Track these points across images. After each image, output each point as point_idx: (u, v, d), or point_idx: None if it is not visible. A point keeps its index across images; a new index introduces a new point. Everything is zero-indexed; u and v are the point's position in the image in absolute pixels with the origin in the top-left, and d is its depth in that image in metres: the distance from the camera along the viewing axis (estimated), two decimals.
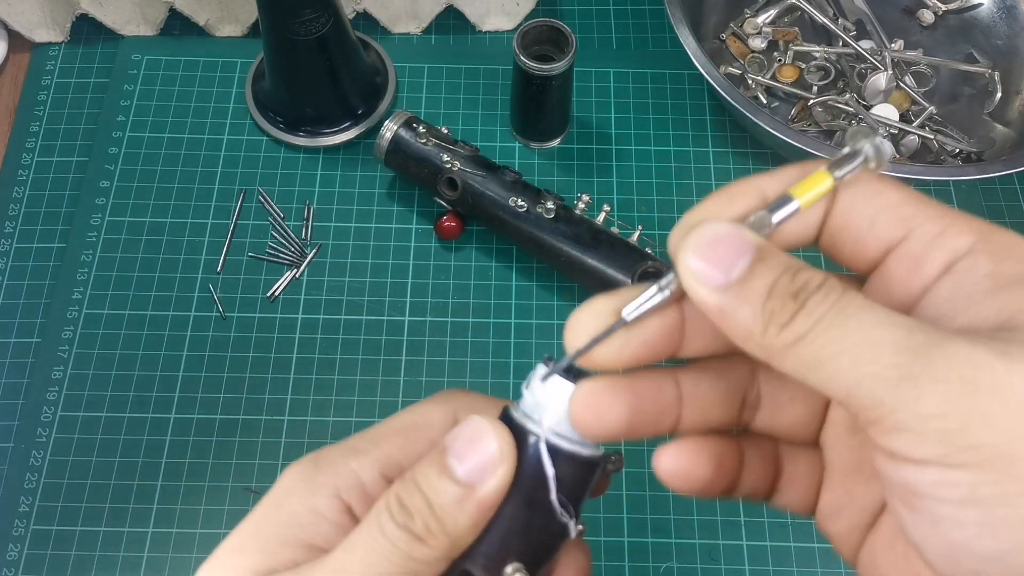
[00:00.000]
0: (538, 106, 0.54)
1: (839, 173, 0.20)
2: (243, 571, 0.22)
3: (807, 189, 0.20)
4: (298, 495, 0.23)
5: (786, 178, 0.21)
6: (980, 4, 0.59)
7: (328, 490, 0.23)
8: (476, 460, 0.21)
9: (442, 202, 0.53)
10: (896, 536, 0.21)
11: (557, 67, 0.51)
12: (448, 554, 0.21)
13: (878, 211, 0.20)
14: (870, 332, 0.17)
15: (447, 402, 0.25)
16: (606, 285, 0.49)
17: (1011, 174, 0.48)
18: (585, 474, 0.22)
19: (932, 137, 0.56)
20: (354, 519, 0.23)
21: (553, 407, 0.21)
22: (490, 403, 0.25)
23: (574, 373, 0.22)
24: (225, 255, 0.54)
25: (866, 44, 0.60)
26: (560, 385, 0.22)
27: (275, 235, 0.55)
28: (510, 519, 0.21)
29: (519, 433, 0.22)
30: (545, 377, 0.22)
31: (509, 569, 0.21)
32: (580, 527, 0.22)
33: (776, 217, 0.20)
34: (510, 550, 0.21)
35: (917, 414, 0.17)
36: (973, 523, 0.17)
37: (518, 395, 0.23)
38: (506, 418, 0.22)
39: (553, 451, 0.21)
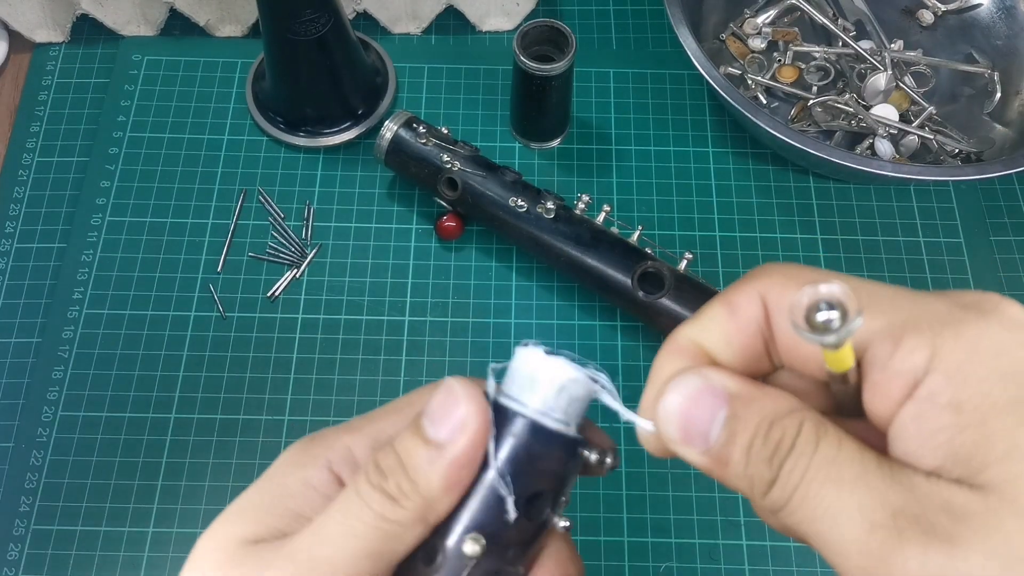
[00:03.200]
0: (538, 106, 0.55)
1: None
2: (232, 539, 0.23)
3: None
4: (291, 468, 0.24)
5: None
6: (980, 4, 0.59)
7: (320, 462, 0.23)
8: (448, 421, 0.21)
9: (442, 202, 0.53)
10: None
11: (557, 67, 0.51)
12: (422, 516, 0.21)
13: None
14: (846, 500, 0.17)
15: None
16: (606, 285, 0.49)
17: (1010, 174, 0.48)
18: (549, 447, 0.22)
19: (932, 137, 0.56)
20: (343, 486, 0.23)
21: (527, 380, 0.22)
22: (481, 382, 0.25)
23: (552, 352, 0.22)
24: (225, 255, 0.54)
25: (866, 44, 0.60)
26: (533, 356, 0.22)
27: (275, 235, 0.55)
28: (481, 495, 0.21)
29: (501, 412, 0.22)
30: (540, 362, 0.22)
31: (467, 537, 0.21)
32: (566, 523, 0.22)
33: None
34: (474, 523, 0.21)
35: None
36: None
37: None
38: (500, 406, 0.22)
39: (535, 430, 0.21)
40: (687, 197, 0.57)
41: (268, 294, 0.53)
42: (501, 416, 0.22)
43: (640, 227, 0.51)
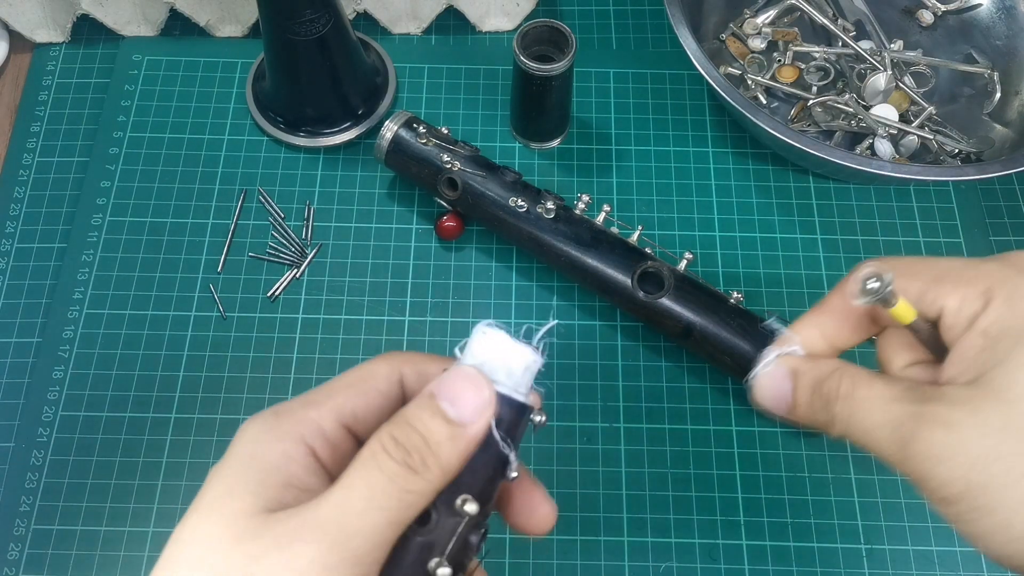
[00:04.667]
0: (538, 106, 0.55)
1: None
2: (239, 514, 0.23)
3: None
4: (268, 442, 0.25)
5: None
6: (979, 4, 0.59)
7: (293, 436, 0.25)
8: (469, 404, 0.25)
9: (442, 202, 0.53)
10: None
11: (557, 67, 0.51)
12: (438, 486, 0.24)
13: (912, 304, 0.28)
14: (877, 419, 0.26)
15: (390, 360, 0.28)
16: (606, 285, 0.49)
17: (1010, 174, 0.48)
18: (520, 416, 0.26)
19: (931, 137, 0.56)
20: (319, 462, 0.25)
21: (497, 361, 0.25)
22: (431, 360, 0.28)
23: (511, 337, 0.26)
24: (226, 255, 0.54)
25: (865, 44, 0.60)
26: (502, 341, 0.26)
27: (275, 235, 0.55)
28: (476, 460, 0.25)
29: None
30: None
31: (459, 501, 0.24)
32: (518, 463, 0.26)
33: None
34: (461, 485, 0.25)
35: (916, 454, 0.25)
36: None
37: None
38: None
39: (512, 404, 0.25)
40: (687, 197, 0.57)
41: (268, 294, 0.53)
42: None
43: (640, 227, 0.51)
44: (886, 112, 0.57)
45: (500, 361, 0.26)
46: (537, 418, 0.27)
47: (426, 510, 0.24)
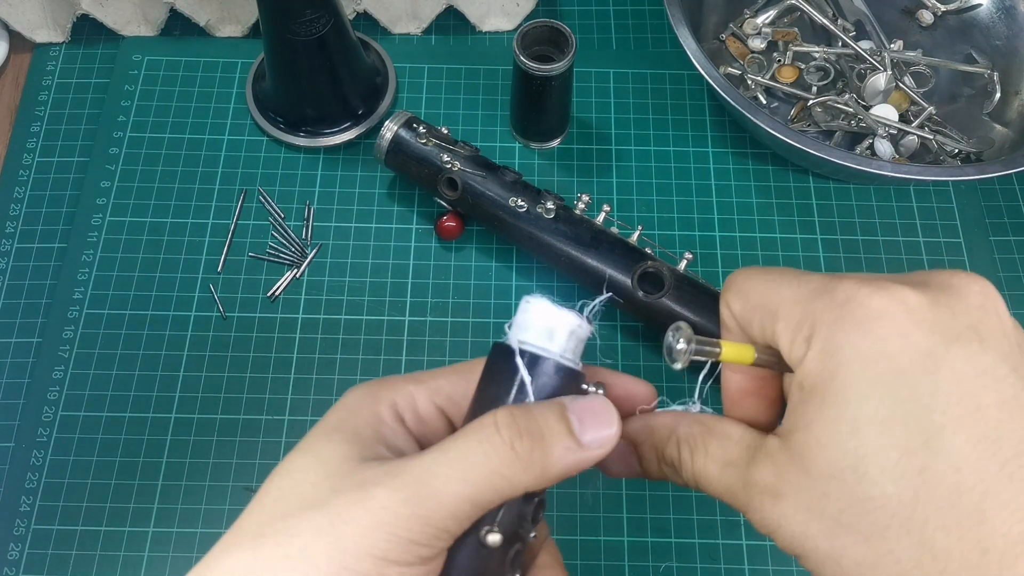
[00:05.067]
0: (538, 106, 0.55)
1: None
2: (333, 455, 0.25)
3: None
4: (364, 403, 0.27)
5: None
6: (979, 4, 0.60)
7: (388, 402, 0.27)
8: (597, 434, 0.25)
9: (442, 202, 0.53)
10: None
11: (557, 67, 0.51)
12: (531, 485, 0.24)
13: (758, 333, 0.26)
14: (712, 473, 0.26)
15: None
16: (606, 285, 0.49)
17: (1010, 174, 0.48)
18: (571, 382, 0.26)
19: (931, 137, 0.56)
20: (408, 431, 0.27)
21: (543, 328, 0.26)
22: None
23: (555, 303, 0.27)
24: (226, 255, 0.54)
25: (865, 44, 0.60)
26: (548, 309, 0.26)
27: (275, 235, 0.55)
28: None
29: (506, 353, 0.26)
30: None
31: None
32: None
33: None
34: None
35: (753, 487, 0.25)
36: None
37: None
38: (502, 346, 0.27)
39: (535, 360, 0.26)
40: (687, 197, 0.57)
41: (268, 294, 0.53)
42: (533, 360, 0.26)
43: (640, 227, 0.51)
44: (886, 112, 0.57)
45: (546, 328, 0.26)
46: (591, 388, 0.27)
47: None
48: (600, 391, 0.27)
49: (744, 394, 0.27)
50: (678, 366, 0.25)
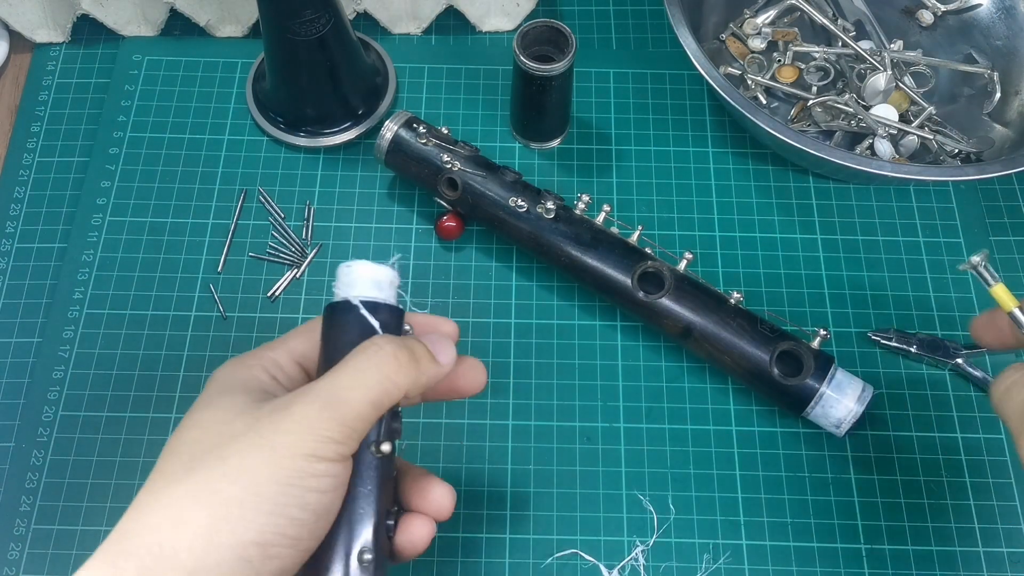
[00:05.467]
0: (538, 106, 0.55)
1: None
2: (236, 401, 0.30)
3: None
4: (240, 369, 0.32)
5: None
6: (979, 5, 0.60)
7: (257, 368, 0.32)
8: (445, 356, 0.33)
9: (442, 202, 0.53)
10: None
11: (557, 67, 0.51)
12: (407, 389, 0.30)
13: None
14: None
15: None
16: (606, 285, 0.49)
17: (1010, 174, 0.48)
18: (397, 317, 0.33)
19: (931, 137, 0.56)
20: (282, 386, 0.32)
21: (361, 281, 0.33)
22: None
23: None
24: (226, 255, 0.54)
25: (865, 44, 0.60)
26: (365, 267, 0.33)
27: (276, 235, 0.55)
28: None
29: (347, 307, 0.32)
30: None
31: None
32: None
33: None
34: None
35: None
36: None
37: (518, 398, 0.30)
38: (339, 303, 0.32)
39: (374, 306, 0.32)
40: (687, 197, 0.57)
41: (268, 294, 0.53)
42: (373, 307, 0.32)
43: (640, 227, 0.51)
44: (886, 112, 0.57)
45: (374, 280, 0.33)
46: (407, 328, 0.34)
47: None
48: (411, 329, 0.34)
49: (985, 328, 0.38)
50: (961, 267, 0.37)
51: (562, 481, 0.48)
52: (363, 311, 0.32)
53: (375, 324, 0.32)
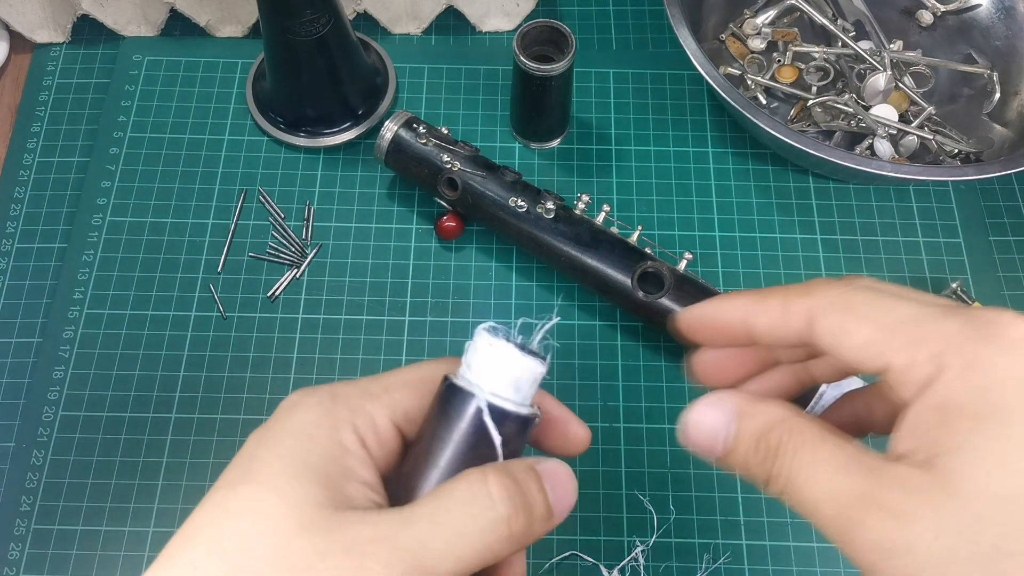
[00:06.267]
0: (538, 106, 0.55)
1: None
2: (307, 501, 0.23)
3: None
4: (325, 428, 0.24)
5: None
6: (979, 5, 0.60)
7: (349, 426, 0.25)
8: (564, 503, 0.25)
9: (442, 202, 0.53)
10: None
11: (557, 67, 0.51)
12: (515, 550, 0.24)
13: (855, 351, 0.23)
14: (820, 491, 0.23)
15: (449, 365, 0.27)
16: (606, 285, 0.49)
17: (1010, 174, 0.48)
18: (525, 429, 0.26)
19: (931, 137, 0.56)
20: (370, 454, 0.25)
21: (498, 373, 0.25)
22: None
23: (520, 347, 0.25)
24: (226, 255, 0.54)
25: (865, 45, 0.60)
26: (507, 354, 0.25)
27: (275, 235, 0.55)
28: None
29: (469, 400, 0.25)
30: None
31: None
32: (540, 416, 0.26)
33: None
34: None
35: (862, 540, 0.22)
36: None
37: None
38: (462, 392, 0.25)
39: (502, 414, 0.25)
40: (687, 197, 0.57)
41: (268, 294, 0.53)
42: (501, 415, 0.25)
43: (640, 227, 0.51)
44: (886, 112, 0.57)
45: (506, 375, 0.25)
46: (535, 410, 0.26)
47: None
48: (539, 416, 0.27)
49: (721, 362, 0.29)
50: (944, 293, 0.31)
51: None
52: (487, 420, 0.25)
53: (496, 443, 0.25)
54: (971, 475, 0.21)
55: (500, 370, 0.25)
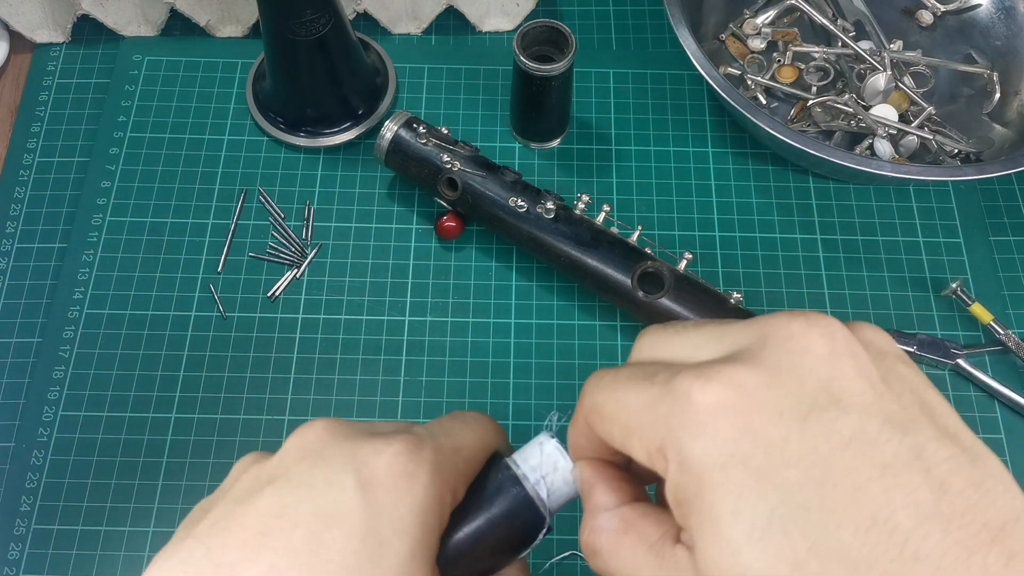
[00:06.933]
0: (538, 106, 0.55)
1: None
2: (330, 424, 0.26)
3: None
4: (435, 501, 0.25)
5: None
6: (979, 5, 0.60)
7: (452, 493, 0.26)
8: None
9: (442, 202, 0.53)
10: None
11: (557, 67, 0.51)
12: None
13: (623, 450, 0.23)
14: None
15: (501, 439, 0.29)
16: (606, 285, 0.49)
17: (1010, 174, 0.48)
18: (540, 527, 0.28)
19: (931, 137, 0.56)
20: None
21: (552, 473, 0.27)
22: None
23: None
24: (226, 255, 0.54)
25: (865, 45, 0.60)
26: (562, 467, 0.27)
27: (275, 235, 0.55)
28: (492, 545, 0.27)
29: (536, 514, 0.27)
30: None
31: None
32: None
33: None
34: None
35: None
36: None
37: (518, 398, 0.26)
38: (526, 499, 0.27)
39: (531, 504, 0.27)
40: (687, 197, 0.57)
41: (268, 294, 0.53)
42: (515, 486, 0.27)
43: (640, 227, 0.51)
44: (886, 112, 0.57)
45: (567, 496, 0.27)
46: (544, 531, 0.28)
47: None
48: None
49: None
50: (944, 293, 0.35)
51: None
52: (541, 537, 0.27)
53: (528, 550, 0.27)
54: (702, 561, 0.20)
55: (561, 487, 0.27)
